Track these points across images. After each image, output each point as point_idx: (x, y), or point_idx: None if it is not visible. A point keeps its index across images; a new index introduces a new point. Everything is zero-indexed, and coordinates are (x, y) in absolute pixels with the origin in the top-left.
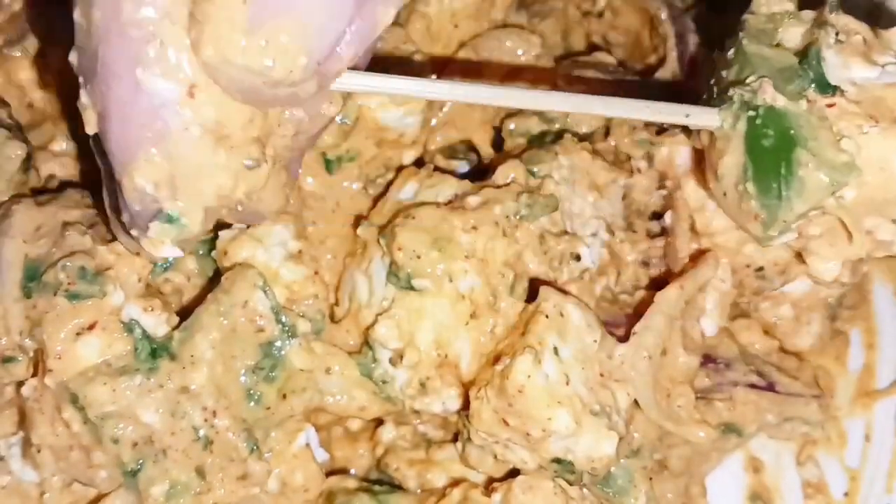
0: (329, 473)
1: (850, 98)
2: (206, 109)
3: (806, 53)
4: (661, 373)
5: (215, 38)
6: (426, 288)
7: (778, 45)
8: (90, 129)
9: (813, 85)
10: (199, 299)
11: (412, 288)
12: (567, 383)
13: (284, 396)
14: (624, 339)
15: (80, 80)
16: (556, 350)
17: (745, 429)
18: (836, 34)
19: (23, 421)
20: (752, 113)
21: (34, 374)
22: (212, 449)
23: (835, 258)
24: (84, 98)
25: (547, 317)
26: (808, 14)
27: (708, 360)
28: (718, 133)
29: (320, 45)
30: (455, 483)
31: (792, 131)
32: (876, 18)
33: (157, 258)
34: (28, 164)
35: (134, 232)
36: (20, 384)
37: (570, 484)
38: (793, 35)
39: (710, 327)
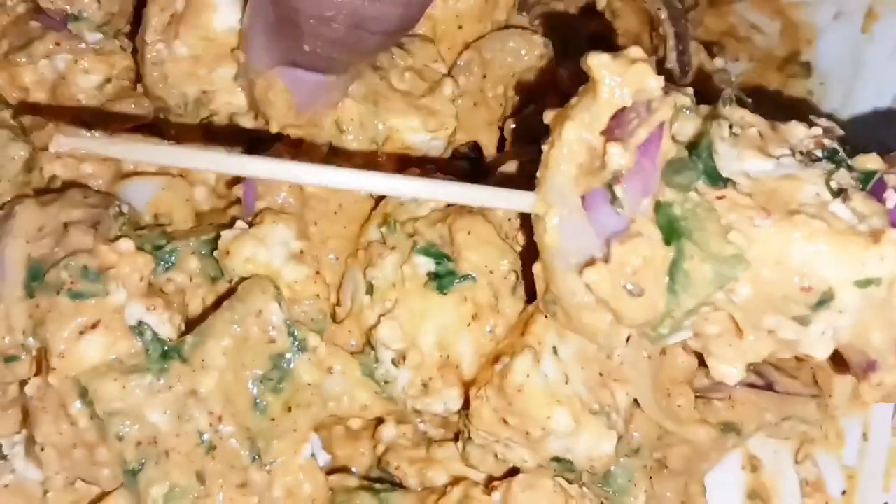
0: (330, 472)
1: (743, 190)
2: None
3: (697, 145)
4: (661, 372)
5: None
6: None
7: (672, 138)
8: None
9: (703, 177)
10: (201, 299)
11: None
12: (566, 383)
13: (290, 409)
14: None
15: None
16: (555, 350)
17: (745, 428)
18: (731, 127)
19: (26, 420)
20: None
21: (37, 373)
22: (214, 455)
23: (735, 361)
24: None
25: (546, 317)
26: (705, 108)
27: None
28: None
29: None
30: (456, 481)
31: (677, 223)
32: None
33: None
34: (31, 164)
35: None
36: (23, 383)
37: (570, 482)
38: (687, 129)
39: None
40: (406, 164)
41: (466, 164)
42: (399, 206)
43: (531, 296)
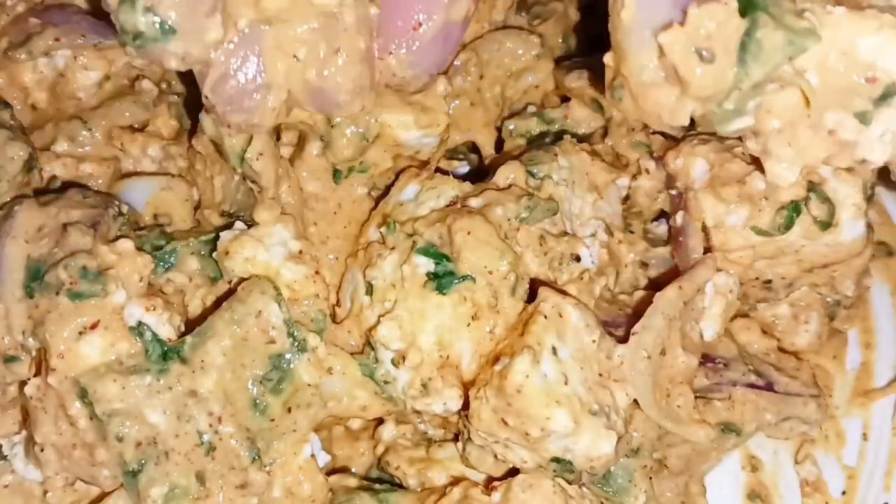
0: (330, 472)
1: None
2: None
3: None
4: (661, 373)
5: None
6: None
7: None
8: None
9: None
10: (201, 299)
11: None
12: (566, 383)
13: (289, 410)
14: (623, 339)
15: None
16: (554, 350)
17: (744, 428)
18: None
19: (26, 420)
20: None
21: (37, 374)
22: (214, 455)
23: (793, 161)
24: None
25: (545, 317)
26: None
27: (707, 359)
28: None
29: None
30: (455, 481)
31: None
32: None
33: None
34: (30, 164)
35: None
36: (23, 383)
37: (570, 483)
38: None
39: (709, 332)
40: None
41: (465, 165)
42: (398, 207)
43: (531, 296)
